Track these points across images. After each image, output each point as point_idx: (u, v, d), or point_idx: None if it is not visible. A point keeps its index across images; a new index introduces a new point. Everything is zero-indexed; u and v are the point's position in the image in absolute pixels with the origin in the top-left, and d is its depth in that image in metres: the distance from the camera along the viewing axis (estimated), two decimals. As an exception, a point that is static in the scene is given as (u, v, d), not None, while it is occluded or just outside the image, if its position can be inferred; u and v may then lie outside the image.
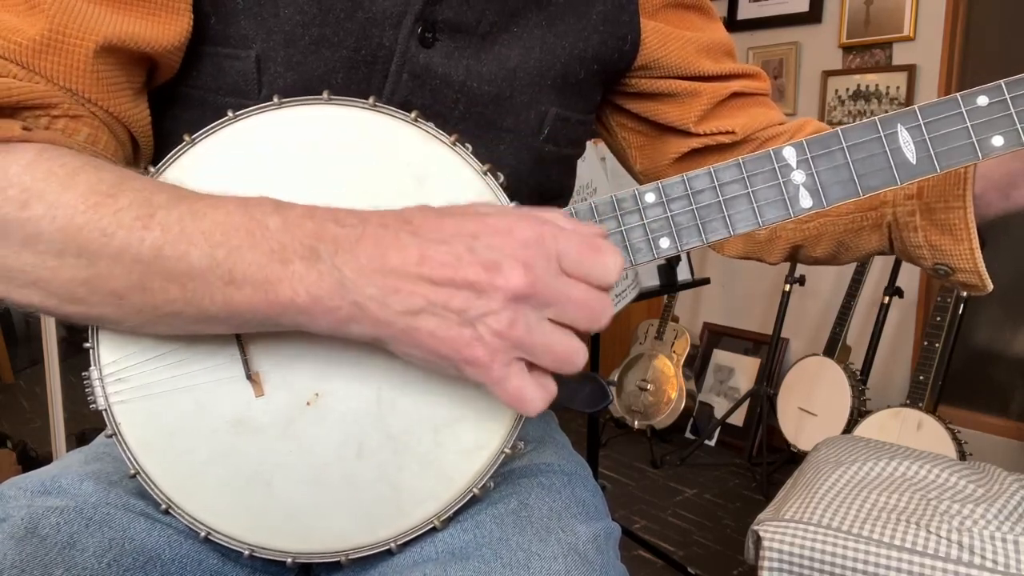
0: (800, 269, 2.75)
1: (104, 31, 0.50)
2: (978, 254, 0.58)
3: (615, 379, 3.04)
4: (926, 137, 0.48)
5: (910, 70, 2.56)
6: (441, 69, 0.60)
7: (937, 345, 2.18)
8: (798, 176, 0.50)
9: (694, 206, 0.52)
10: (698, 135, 0.73)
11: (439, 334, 0.43)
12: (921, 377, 2.20)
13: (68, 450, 0.85)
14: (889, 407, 2.24)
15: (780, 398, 2.68)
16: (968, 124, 0.48)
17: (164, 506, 0.54)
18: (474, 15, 0.61)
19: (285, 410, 0.54)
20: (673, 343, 2.96)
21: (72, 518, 0.54)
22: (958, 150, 0.48)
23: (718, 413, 2.98)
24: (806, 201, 0.50)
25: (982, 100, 0.48)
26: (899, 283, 2.54)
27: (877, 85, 2.65)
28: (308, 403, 0.53)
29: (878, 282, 2.61)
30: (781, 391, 2.69)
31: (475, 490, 0.53)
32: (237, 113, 0.53)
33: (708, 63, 0.72)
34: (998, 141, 0.48)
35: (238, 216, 0.45)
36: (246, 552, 0.54)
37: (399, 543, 0.54)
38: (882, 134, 0.49)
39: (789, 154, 0.50)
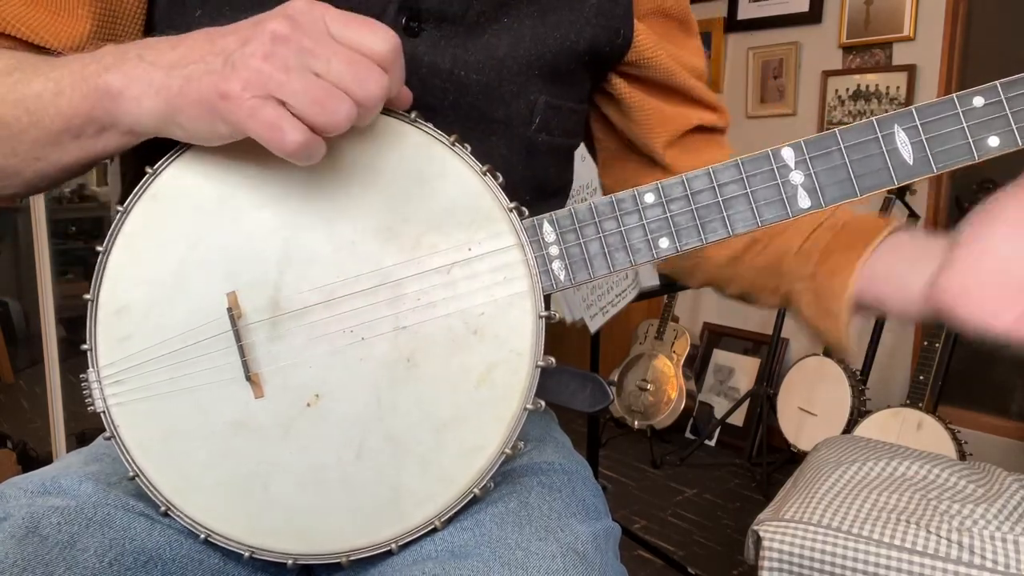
0: (800, 269, 2.75)
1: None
2: (847, 341, 0.63)
3: (615, 379, 3.04)
4: (923, 138, 0.49)
5: (910, 70, 2.56)
6: (427, 58, 0.60)
7: (937, 345, 2.18)
8: (796, 176, 0.50)
9: (693, 206, 0.52)
10: (662, 166, 0.75)
11: (204, 79, 0.46)
12: (921, 377, 2.20)
13: (68, 450, 0.86)
14: (889, 407, 2.24)
15: (780, 398, 2.68)
16: (964, 125, 0.48)
17: (163, 508, 0.54)
18: (460, 5, 0.61)
19: (285, 411, 0.54)
20: (673, 343, 2.96)
21: (73, 518, 0.54)
22: (955, 151, 0.48)
23: (718, 413, 2.98)
24: (804, 201, 0.51)
25: (978, 101, 0.48)
26: (899, 283, 2.54)
27: (877, 85, 2.65)
28: (308, 404, 0.53)
29: (878, 282, 2.60)
30: (781, 391, 2.69)
31: (476, 490, 0.53)
32: None
33: (689, 78, 0.73)
34: (994, 141, 0.48)
35: (79, 60, 0.52)
36: (246, 554, 0.54)
37: (400, 544, 0.54)
38: (879, 135, 0.49)
39: (787, 155, 0.51)
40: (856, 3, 2.67)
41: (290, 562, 0.54)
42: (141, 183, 0.54)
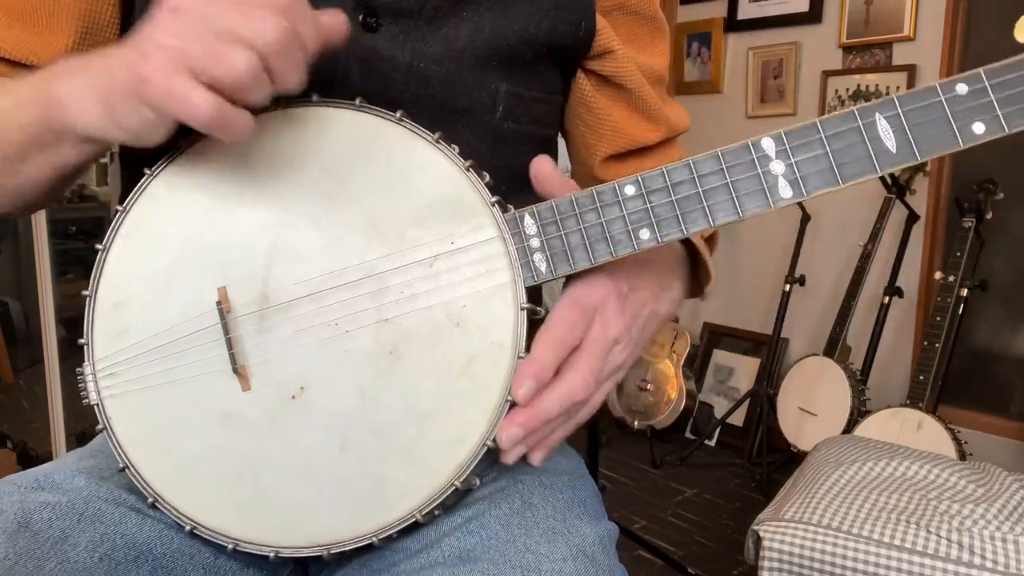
0: (800, 269, 2.75)
1: None
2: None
3: (615, 379, 3.04)
4: (905, 126, 0.49)
5: (910, 70, 2.56)
6: (386, 52, 0.61)
7: (937, 345, 2.18)
8: (777, 167, 0.50)
9: (674, 197, 0.52)
10: (593, 176, 0.75)
11: (126, 70, 0.47)
12: (921, 377, 2.20)
13: (68, 450, 0.86)
14: (889, 407, 2.24)
15: (780, 398, 2.68)
16: (948, 112, 0.48)
17: (151, 500, 0.55)
18: (416, 0, 0.62)
19: (271, 404, 0.54)
20: (673, 343, 2.96)
21: (64, 513, 0.54)
22: (939, 138, 0.48)
23: (718, 413, 2.98)
24: (786, 191, 0.51)
25: (961, 88, 0.48)
26: (899, 283, 2.54)
27: (877, 85, 2.64)
28: (293, 397, 0.54)
29: (878, 282, 2.60)
30: (781, 391, 2.69)
31: (456, 483, 0.53)
32: None
33: (644, 85, 0.72)
34: (979, 128, 0.48)
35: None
36: (230, 546, 0.54)
37: (380, 537, 0.54)
38: (860, 123, 0.49)
39: (767, 145, 0.51)
40: (856, 3, 2.67)
41: (272, 555, 0.54)
42: (139, 184, 0.56)
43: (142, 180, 0.56)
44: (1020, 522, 1.30)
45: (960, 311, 2.22)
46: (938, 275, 2.25)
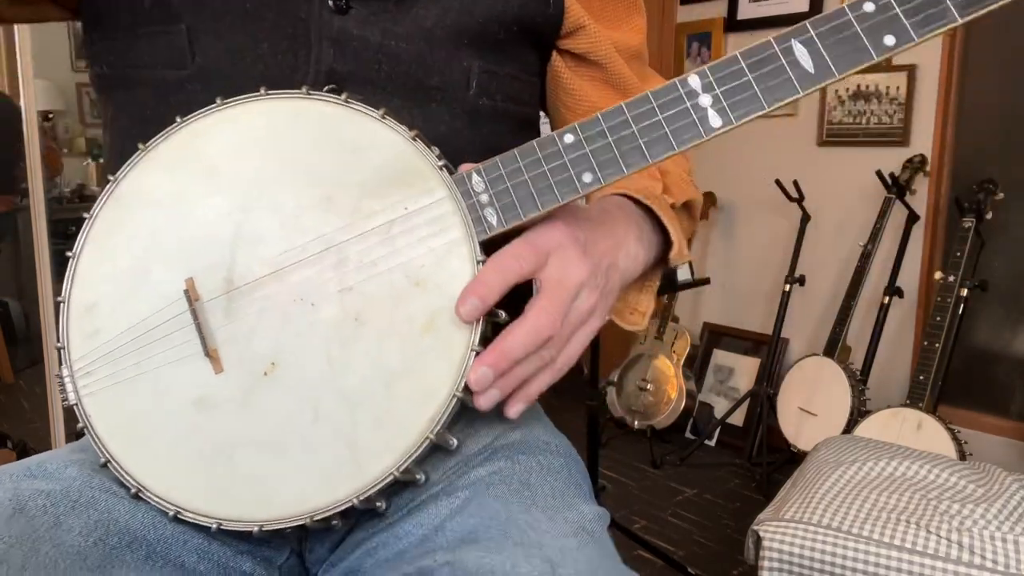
0: (800, 269, 2.75)
1: None
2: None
3: (615, 379, 3.04)
4: (819, 46, 0.52)
5: (910, 70, 2.56)
6: (357, 32, 0.62)
7: (937, 345, 2.18)
8: (705, 100, 0.53)
9: (611, 139, 0.55)
10: None
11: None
12: (921, 377, 2.20)
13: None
14: (889, 407, 2.24)
15: (780, 398, 2.68)
16: (858, 28, 0.51)
17: (134, 490, 0.56)
18: None
19: (244, 383, 0.56)
20: (673, 343, 2.96)
21: (58, 500, 0.55)
22: (853, 54, 0.52)
23: (718, 413, 2.98)
24: (715, 120, 0.53)
25: (868, 7, 0.51)
26: (899, 283, 2.54)
27: (877, 85, 2.64)
28: (265, 373, 0.56)
29: (878, 282, 2.61)
30: (781, 391, 2.69)
31: (431, 435, 0.54)
32: (185, 118, 0.58)
33: (617, 61, 0.73)
34: (890, 40, 0.51)
35: None
36: (213, 526, 0.55)
37: (360, 498, 0.54)
38: (778, 49, 0.53)
39: (694, 81, 0.54)
40: (856, 3, 2.67)
41: (256, 529, 0.54)
42: (105, 189, 0.59)
43: (107, 186, 0.59)
44: (1020, 522, 1.30)
45: (960, 311, 2.22)
46: (938, 275, 2.25)
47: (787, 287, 2.74)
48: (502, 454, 0.62)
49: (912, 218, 2.53)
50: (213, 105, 0.58)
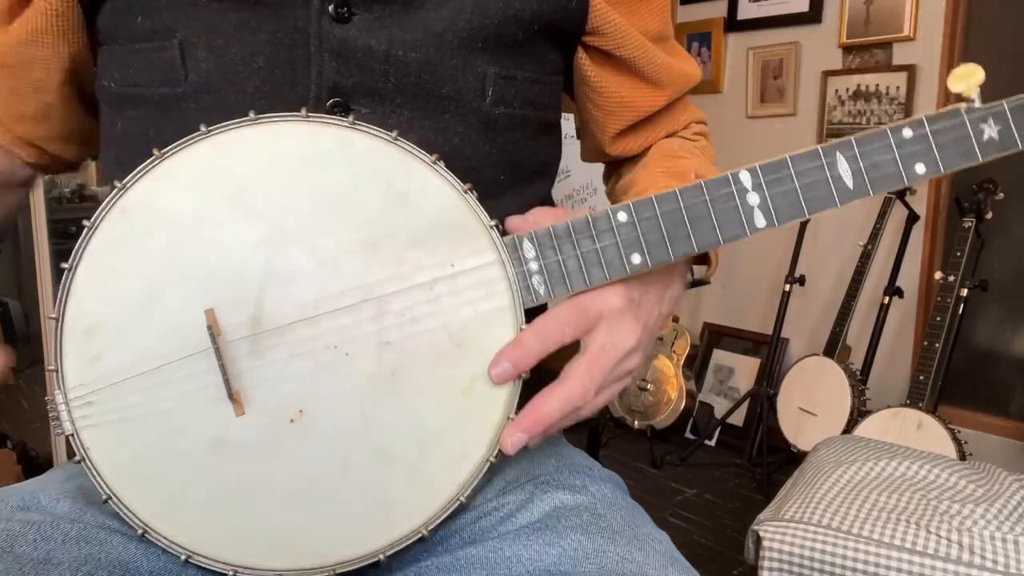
0: (800, 269, 2.75)
1: None
2: None
3: (615, 379, 3.04)
4: (861, 166, 0.54)
5: (910, 70, 2.56)
6: (360, 42, 0.58)
7: (937, 345, 2.18)
8: (753, 198, 0.55)
9: (662, 225, 0.55)
10: (606, 153, 0.76)
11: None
12: (921, 377, 2.20)
13: (67, 449, 0.86)
14: (889, 407, 2.24)
15: (780, 398, 2.68)
16: (896, 155, 0.53)
17: (140, 531, 0.53)
18: None
19: (268, 428, 0.53)
20: (673, 343, 2.96)
21: (49, 534, 0.53)
22: (888, 177, 0.54)
23: (718, 413, 2.98)
24: (760, 221, 0.55)
25: (907, 133, 0.53)
26: (899, 283, 2.54)
27: (877, 85, 2.64)
28: (292, 420, 0.53)
29: (878, 282, 2.60)
30: (781, 391, 2.69)
31: (462, 498, 0.54)
32: (210, 128, 0.52)
33: (648, 50, 0.70)
34: (920, 168, 0.53)
35: None
36: (230, 573, 0.53)
37: (387, 554, 0.54)
38: (824, 162, 0.54)
39: (745, 179, 0.55)
40: (856, 3, 2.67)
41: None
42: (109, 197, 0.52)
43: (112, 193, 0.52)
44: (1020, 522, 1.30)
45: (960, 311, 2.22)
46: (938, 275, 2.25)
47: (787, 287, 2.74)
48: (553, 481, 0.62)
49: (912, 218, 2.53)
50: (245, 119, 0.52)
